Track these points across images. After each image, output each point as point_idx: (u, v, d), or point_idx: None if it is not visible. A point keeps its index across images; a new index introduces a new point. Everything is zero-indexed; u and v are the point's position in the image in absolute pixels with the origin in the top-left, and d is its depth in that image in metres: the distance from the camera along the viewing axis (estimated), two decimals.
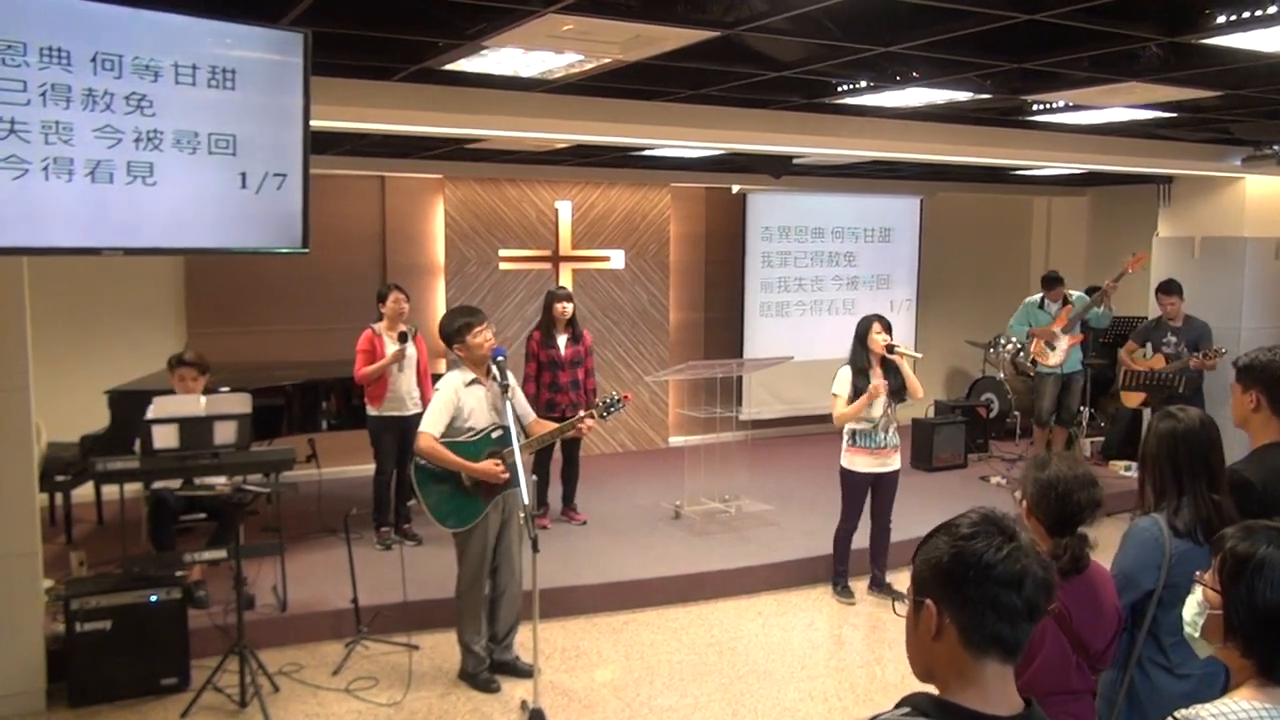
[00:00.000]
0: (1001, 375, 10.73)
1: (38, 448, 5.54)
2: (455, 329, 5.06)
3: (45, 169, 3.59)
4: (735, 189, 10.56)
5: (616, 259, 10.20)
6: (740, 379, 9.95)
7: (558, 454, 7.64)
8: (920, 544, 1.71)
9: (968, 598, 1.60)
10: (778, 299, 10.85)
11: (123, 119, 3.71)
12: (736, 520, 7.70)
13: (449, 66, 5.09)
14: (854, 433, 6.16)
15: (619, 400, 5.28)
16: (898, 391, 6.12)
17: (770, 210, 10.73)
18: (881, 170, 10.12)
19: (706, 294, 10.83)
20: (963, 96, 6.01)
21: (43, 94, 3.55)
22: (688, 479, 7.91)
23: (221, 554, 5.17)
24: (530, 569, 4.70)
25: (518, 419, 5.06)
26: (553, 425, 5.28)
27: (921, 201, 11.58)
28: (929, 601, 1.63)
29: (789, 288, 10.91)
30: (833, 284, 11.14)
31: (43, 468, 6.46)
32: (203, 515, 5.98)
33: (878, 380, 6.04)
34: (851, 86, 5.77)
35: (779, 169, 9.72)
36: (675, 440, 10.40)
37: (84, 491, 7.19)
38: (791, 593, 6.70)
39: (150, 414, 5.54)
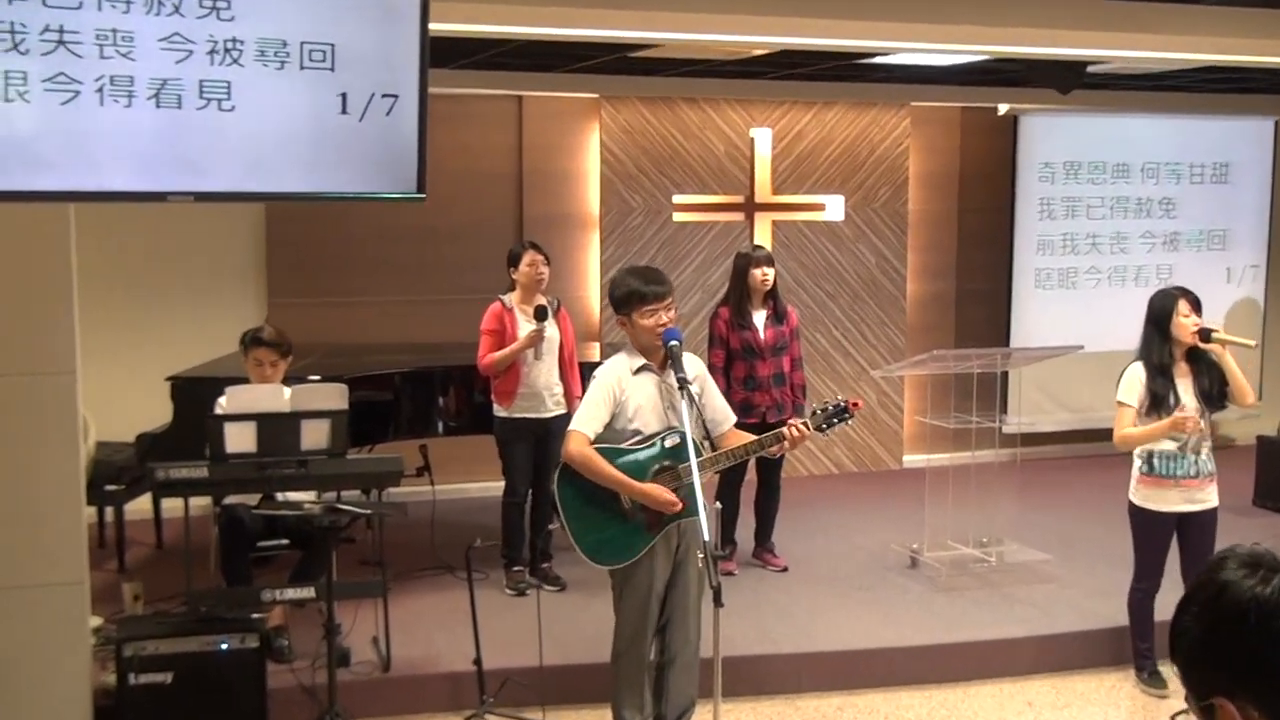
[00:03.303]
0: None
1: (85, 448, 5.84)
2: (624, 295, 5.10)
3: (100, 90, 3.79)
4: (1003, 110, 10.38)
5: (834, 208, 10.15)
6: (1006, 376, 9.70)
7: (751, 474, 7.64)
8: (1173, 635, 1.76)
9: (1272, 667, 1.61)
10: (1062, 264, 10.66)
11: (194, 25, 3.88)
12: (998, 573, 7.57)
13: None
14: (1150, 455, 5.97)
15: (845, 408, 5.17)
16: (1215, 396, 5.91)
17: (1053, 139, 10.53)
18: (1218, 82, 9.74)
19: (960, 257, 10.70)
20: None
21: None
22: (929, 513, 7.80)
23: (309, 593, 5.38)
24: (712, 629, 4.71)
25: (702, 424, 5.07)
26: (750, 437, 5.26)
27: (1276, 124, 11.17)
28: (1220, 702, 1.65)
29: (1078, 248, 10.69)
30: (1142, 244, 10.86)
31: (91, 474, 6.85)
32: (285, 542, 6.22)
33: (1187, 402, 5.80)
34: None
35: (1067, 81, 9.43)
36: (912, 459, 10.30)
37: (140, 505, 7.64)
38: (1076, 677, 6.54)
39: (221, 408, 5.82)
